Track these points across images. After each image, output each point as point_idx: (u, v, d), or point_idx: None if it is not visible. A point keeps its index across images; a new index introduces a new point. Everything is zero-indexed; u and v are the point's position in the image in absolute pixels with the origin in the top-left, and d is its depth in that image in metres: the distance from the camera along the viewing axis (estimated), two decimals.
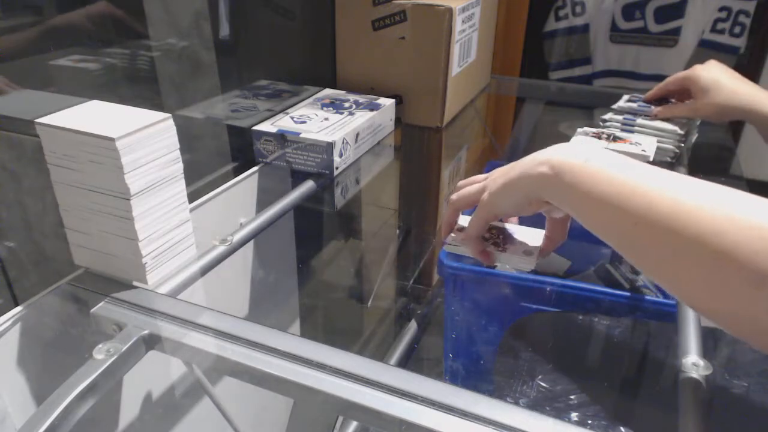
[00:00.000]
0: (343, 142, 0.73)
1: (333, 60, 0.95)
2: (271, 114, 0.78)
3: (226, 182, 0.69)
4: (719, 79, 0.75)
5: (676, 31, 1.56)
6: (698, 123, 0.86)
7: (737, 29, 1.50)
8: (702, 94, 0.76)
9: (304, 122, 0.75)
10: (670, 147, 0.79)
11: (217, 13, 0.69)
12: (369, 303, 1.08)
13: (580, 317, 0.62)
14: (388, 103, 0.85)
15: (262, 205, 0.74)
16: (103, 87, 0.58)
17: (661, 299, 0.62)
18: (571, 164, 0.41)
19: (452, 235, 0.56)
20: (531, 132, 1.30)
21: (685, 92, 0.81)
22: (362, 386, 0.38)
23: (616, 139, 0.76)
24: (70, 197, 0.46)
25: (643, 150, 0.73)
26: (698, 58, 1.53)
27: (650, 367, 0.60)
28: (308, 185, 0.71)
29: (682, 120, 0.82)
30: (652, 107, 0.83)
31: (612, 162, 0.41)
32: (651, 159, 0.72)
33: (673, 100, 0.85)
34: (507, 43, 1.55)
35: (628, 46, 1.64)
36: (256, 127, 0.74)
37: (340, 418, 0.62)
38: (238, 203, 0.72)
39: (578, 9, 1.65)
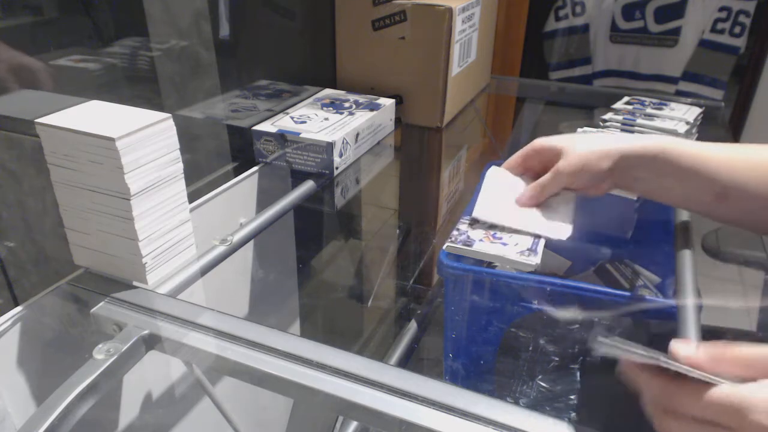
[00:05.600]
0: (343, 142, 0.73)
1: (333, 60, 0.95)
2: (271, 114, 0.78)
3: (226, 182, 0.69)
4: (573, 137, 0.60)
5: (676, 31, 1.55)
6: (698, 123, 0.86)
7: (737, 29, 1.50)
8: (564, 153, 0.57)
9: (304, 122, 0.75)
10: None
11: (217, 13, 0.69)
12: (369, 303, 1.08)
13: (580, 317, 0.62)
14: (388, 103, 0.85)
15: (262, 205, 0.74)
16: (103, 87, 0.58)
17: (661, 299, 0.62)
18: None
19: (453, 234, 0.56)
20: (531, 132, 1.30)
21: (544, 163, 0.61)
22: (362, 386, 0.38)
23: None
24: (70, 197, 0.46)
25: None
26: (698, 58, 1.53)
27: None
28: (308, 185, 0.71)
29: (682, 120, 0.81)
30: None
31: None
32: None
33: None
34: (507, 43, 1.55)
35: (628, 46, 1.64)
36: (256, 127, 0.74)
37: (340, 418, 0.62)
38: (238, 203, 0.72)
39: (578, 9, 1.65)
